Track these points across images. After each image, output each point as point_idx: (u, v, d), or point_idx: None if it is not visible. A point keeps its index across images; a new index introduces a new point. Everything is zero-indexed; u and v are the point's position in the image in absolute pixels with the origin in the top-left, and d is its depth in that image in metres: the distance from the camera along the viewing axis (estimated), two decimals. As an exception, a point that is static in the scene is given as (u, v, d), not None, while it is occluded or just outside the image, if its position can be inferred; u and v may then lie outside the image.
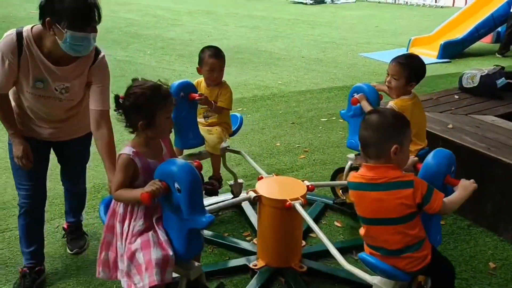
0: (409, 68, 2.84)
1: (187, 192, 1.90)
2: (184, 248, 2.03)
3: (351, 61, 8.97)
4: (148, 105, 2.02)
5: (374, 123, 2.01)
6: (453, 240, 3.18)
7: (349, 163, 3.37)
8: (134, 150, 2.06)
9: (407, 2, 19.86)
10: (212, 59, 3.18)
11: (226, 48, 11.38)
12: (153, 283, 1.93)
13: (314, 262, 2.87)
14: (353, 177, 2.10)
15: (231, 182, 3.50)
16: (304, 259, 2.86)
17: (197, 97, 3.04)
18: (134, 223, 2.05)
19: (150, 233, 2.04)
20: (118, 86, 2.45)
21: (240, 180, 3.52)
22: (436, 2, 19.44)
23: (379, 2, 20.45)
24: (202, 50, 3.25)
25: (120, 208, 2.09)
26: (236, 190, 3.49)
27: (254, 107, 6.08)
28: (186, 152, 3.29)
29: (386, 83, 2.95)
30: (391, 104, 2.86)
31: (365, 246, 2.16)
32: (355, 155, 3.35)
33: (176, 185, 1.91)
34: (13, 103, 2.46)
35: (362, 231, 2.14)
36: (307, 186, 2.79)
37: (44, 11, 2.18)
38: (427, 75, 2.92)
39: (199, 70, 3.27)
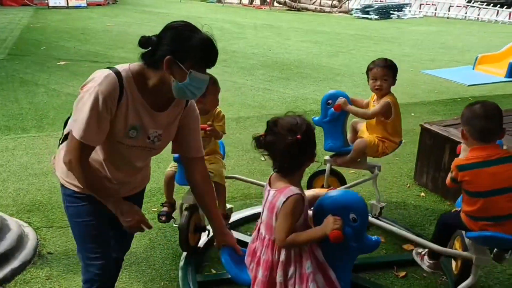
0: (393, 69, 3.31)
1: (363, 220, 1.87)
2: (349, 280, 1.97)
3: (412, 78, 8.86)
4: (313, 144, 1.95)
5: (496, 112, 2.45)
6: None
7: (328, 165, 3.53)
8: (298, 189, 1.91)
9: (478, 18, 19.19)
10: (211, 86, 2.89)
11: (286, 62, 11.70)
12: None
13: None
14: (466, 159, 2.45)
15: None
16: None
17: (207, 128, 2.86)
18: (301, 266, 1.90)
19: (320, 274, 1.90)
20: None
21: (228, 206, 3.37)
22: (510, 18, 18.63)
23: (448, 18, 19.93)
24: None
25: (282, 256, 1.91)
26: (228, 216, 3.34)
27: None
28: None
29: (376, 87, 3.29)
30: (387, 100, 3.27)
31: (471, 224, 2.45)
32: (330, 157, 3.52)
33: (352, 216, 1.84)
34: None
35: (469, 208, 2.44)
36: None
37: (161, 48, 1.89)
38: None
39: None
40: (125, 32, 13.47)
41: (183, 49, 1.88)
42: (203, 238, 3.18)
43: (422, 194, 4.10)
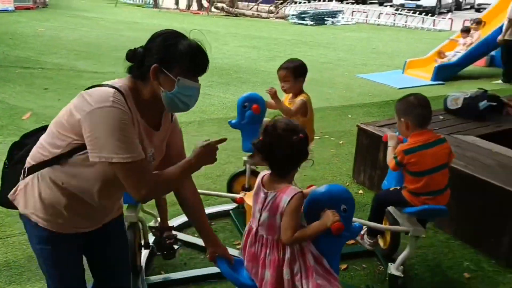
0: (293, 70, 3.38)
1: (352, 209, 2.00)
2: (338, 266, 2.10)
3: (347, 82, 9.24)
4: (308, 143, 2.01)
5: (427, 101, 2.84)
6: (431, 252, 3.37)
7: (248, 165, 3.65)
8: (298, 187, 2.00)
9: (405, 25, 20.27)
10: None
11: (225, 67, 11.72)
12: None
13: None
14: (409, 144, 2.80)
15: (152, 223, 3.25)
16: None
17: None
18: (305, 261, 1.98)
19: (316, 265, 1.98)
20: None
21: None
22: (434, 25, 19.85)
23: (378, 25, 20.89)
24: None
25: (287, 253, 1.98)
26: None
27: (250, 124, 6.30)
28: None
29: (282, 88, 3.42)
30: (302, 98, 3.37)
31: (415, 200, 2.80)
32: (248, 157, 3.62)
33: (343, 207, 1.97)
34: (56, 191, 1.80)
35: (413, 186, 2.80)
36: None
37: (148, 59, 1.78)
38: None
39: None
40: (57, 36, 13.00)
41: (170, 56, 1.77)
42: (143, 254, 3.11)
43: (361, 191, 4.31)
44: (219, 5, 23.11)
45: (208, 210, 3.72)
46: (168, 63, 1.77)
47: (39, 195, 1.81)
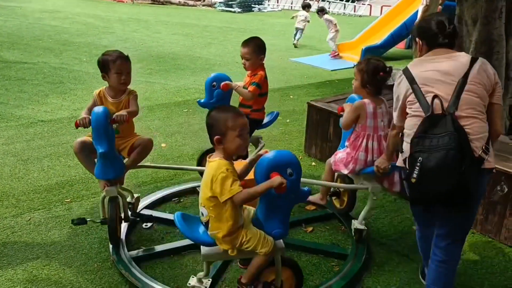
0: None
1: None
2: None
3: (283, 66, 9.58)
4: None
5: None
6: (383, 211, 3.77)
7: None
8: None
9: (328, 12, 21.07)
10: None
11: (161, 55, 11.57)
12: None
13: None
14: None
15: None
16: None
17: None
18: None
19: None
20: (57, 92, 2.64)
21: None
22: (355, 11, 20.83)
23: (303, 11, 21.53)
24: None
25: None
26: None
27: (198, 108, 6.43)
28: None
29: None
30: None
31: None
32: None
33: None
34: None
35: None
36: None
37: None
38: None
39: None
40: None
41: None
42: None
43: (313, 163, 4.64)
44: (144, -7, 22.62)
45: (177, 188, 3.88)
46: None
47: None
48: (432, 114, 2.25)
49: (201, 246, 2.37)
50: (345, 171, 3.11)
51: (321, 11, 11.48)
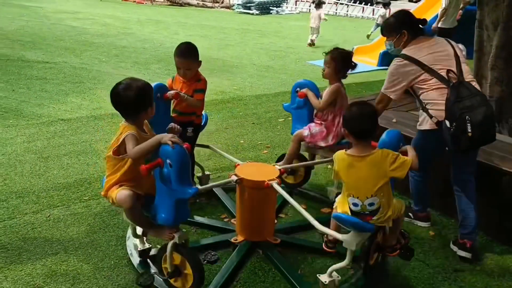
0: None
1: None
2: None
3: (300, 69, 9.60)
4: None
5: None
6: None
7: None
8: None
9: (347, 14, 21.04)
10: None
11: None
12: None
13: (285, 236, 3.32)
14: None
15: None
16: (276, 233, 3.29)
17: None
18: None
19: None
20: (77, 91, 2.72)
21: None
22: (373, 15, 20.71)
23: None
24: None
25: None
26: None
27: (216, 109, 6.50)
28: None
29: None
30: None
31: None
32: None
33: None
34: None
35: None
36: (279, 169, 3.24)
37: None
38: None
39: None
40: (-4, 27, 12.45)
41: None
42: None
43: (329, 166, 4.63)
44: (163, -6, 22.86)
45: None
46: None
47: None
48: (455, 83, 2.95)
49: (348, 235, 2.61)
50: (323, 144, 3.61)
51: (318, 5, 13.20)
